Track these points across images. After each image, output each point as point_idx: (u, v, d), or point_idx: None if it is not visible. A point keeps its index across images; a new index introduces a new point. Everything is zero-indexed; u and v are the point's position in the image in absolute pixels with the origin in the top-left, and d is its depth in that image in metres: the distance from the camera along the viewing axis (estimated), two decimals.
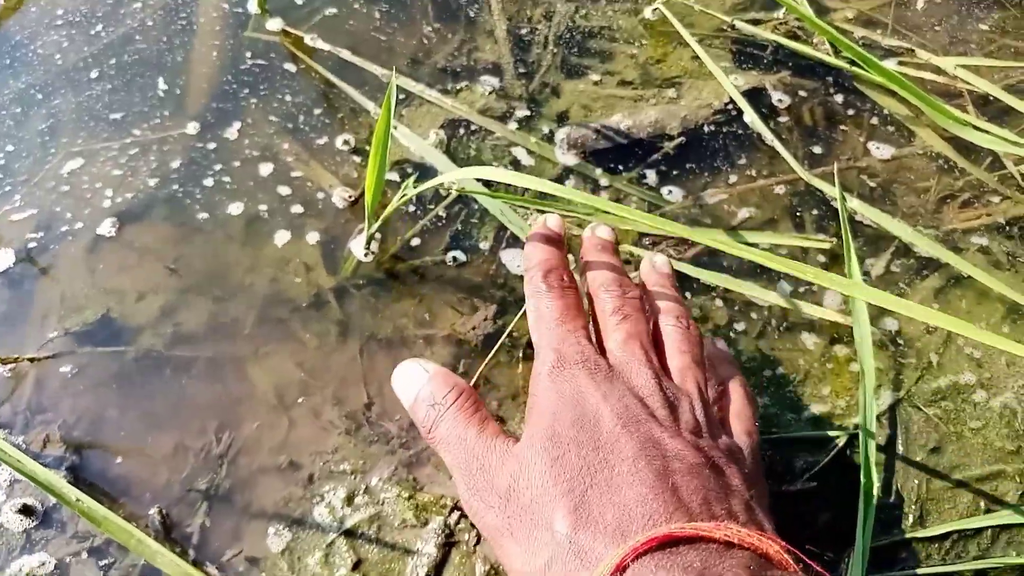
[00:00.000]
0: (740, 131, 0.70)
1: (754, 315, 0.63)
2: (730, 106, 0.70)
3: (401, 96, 0.70)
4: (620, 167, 0.68)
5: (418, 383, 0.51)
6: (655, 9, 0.74)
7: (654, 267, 0.57)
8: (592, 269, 0.54)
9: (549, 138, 0.69)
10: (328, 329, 0.62)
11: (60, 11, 0.73)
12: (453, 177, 0.54)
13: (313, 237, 0.65)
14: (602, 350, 0.50)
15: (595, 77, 0.72)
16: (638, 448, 0.43)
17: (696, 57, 0.72)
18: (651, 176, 0.68)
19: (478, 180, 0.66)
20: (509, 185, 0.67)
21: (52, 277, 0.63)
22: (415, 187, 0.59)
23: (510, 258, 0.64)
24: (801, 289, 0.64)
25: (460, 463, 0.47)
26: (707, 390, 0.50)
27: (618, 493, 0.41)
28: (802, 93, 0.72)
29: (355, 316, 0.63)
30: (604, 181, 0.67)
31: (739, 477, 0.44)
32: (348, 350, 0.62)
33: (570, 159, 0.68)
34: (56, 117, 0.69)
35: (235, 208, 0.65)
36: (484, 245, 0.65)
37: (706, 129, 0.70)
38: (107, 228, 0.64)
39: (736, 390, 0.53)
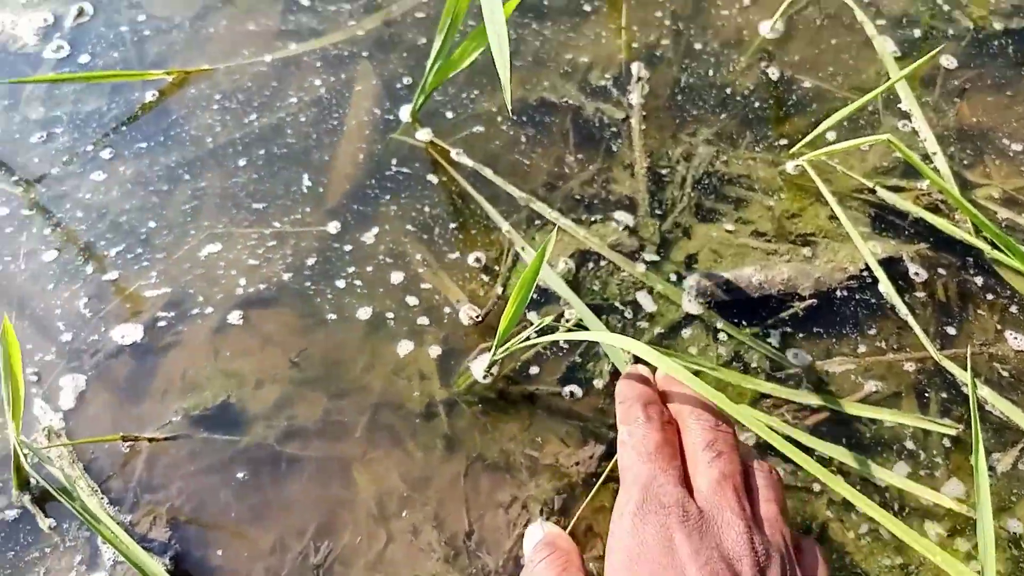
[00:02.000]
0: (873, 300, 0.69)
1: (876, 496, 0.61)
2: (865, 273, 0.69)
3: (535, 220, 0.71)
4: (745, 321, 0.67)
5: (533, 540, 0.53)
6: (797, 165, 0.74)
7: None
8: (676, 399, 0.53)
9: (677, 281, 0.69)
10: (435, 443, 0.62)
11: (218, 95, 0.77)
12: (596, 338, 0.53)
13: (434, 350, 0.65)
14: (690, 487, 0.48)
15: (728, 225, 0.72)
16: None
17: (833, 217, 0.72)
18: (776, 335, 0.67)
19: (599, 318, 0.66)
20: (634, 324, 0.67)
21: (177, 355, 0.64)
22: (543, 320, 0.59)
23: None
24: (922, 472, 0.62)
25: None
26: (790, 547, 0.47)
27: None
28: (940, 269, 0.70)
29: (463, 433, 0.62)
30: (727, 334, 0.67)
31: None
32: (453, 468, 0.61)
33: (695, 307, 0.67)
34: (200, 199, 0.72)
35: (363, 312, 0.66)
36: (599, 383, 0.64)
37: (839, 293, 0.69)
38: (236, 314, 0.66)
39: (809, 547, 0.50)
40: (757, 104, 0.79)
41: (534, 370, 0.65)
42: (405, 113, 0.76)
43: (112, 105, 0.76)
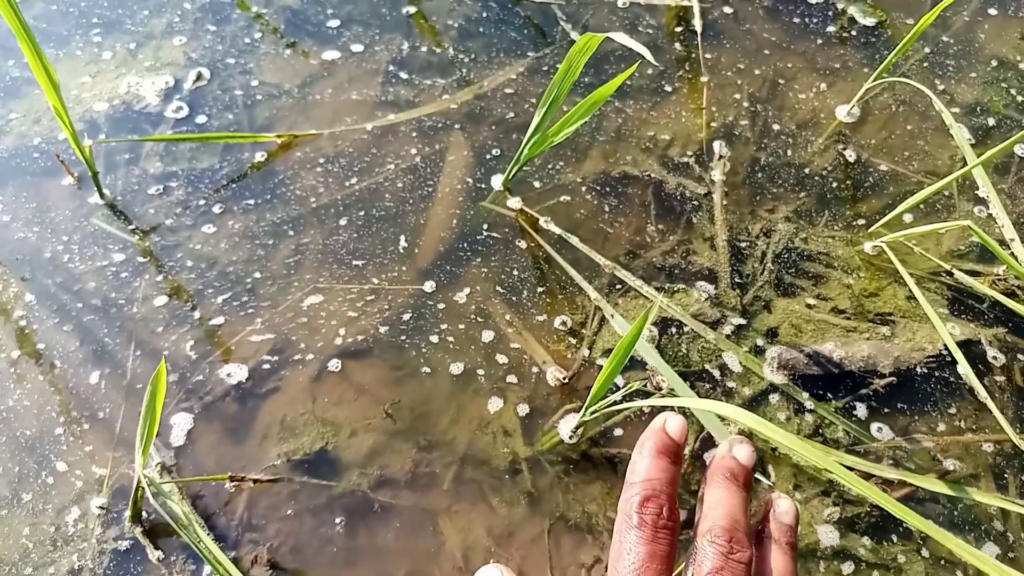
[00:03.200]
0: (952, 379, 0.70)
1: (959, 573, 0.61)
2: (944, 352, 0.71)
3: (618, 286, 0.74)
4: (828, 395, 0.69)
5: None
6: (875, 245, 0.77)
7: (776, 514, 0.49)
8: (709, 500, 0.48)
9: (758, 352, 0.71)
10: (518, 499, 0.64)
11: (322, 159, 0.82)
12: (690, 405, 0.55)
13: (521, 408, 0.68)
14: None
15: (809, 300, 0.74)
16: None
17: (911, 297, 0.74)
18: (860, 410, 0.68)
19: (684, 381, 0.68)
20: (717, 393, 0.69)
21: (277, 400, 0.68)
22: (631, 384, 0.62)
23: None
24: (1011, 554, 0.62)
25: None
26: None
27: None
28: (1019, 354, 0.72)
29: (546, 492, 0.64)
30: (810, 405, 0.68)
31: None
32: (536, 526, 0.63)
33: (778, 378, 0.69)
34: (303, 254, 0.76)
35: (455, 367, 0.69)
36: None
37: (918, 370, 0.70)
38: (334, 363, 0.69)
39: None
40: (835, 184, 0.82)
41: (617, 433, 0.67)
42: (496, 182, 0.80)
43: (224, 163, 0.81)
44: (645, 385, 0.68)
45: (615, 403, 0.61)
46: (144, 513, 0.61)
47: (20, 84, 0.86)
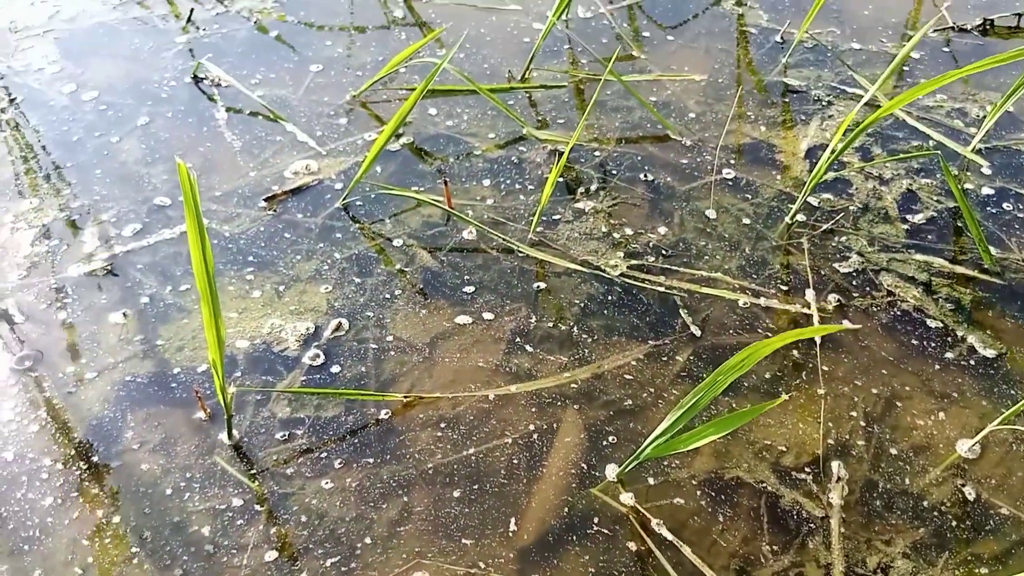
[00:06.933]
0: None
1: None
2: None
3: None
4: None
5: None
6: None
7: None
8: None
9: None
10: None
11: (442, 423, 0.84)
12: None
13: None
14: None
15: None
16: None
17: None
18: None
19: None
20: None
21: None
22: None
23: None
24: None
25: None
26: None
27: None
28: None
29: None
30: None
31: None
32: None
33: None
34: (412, 521, 0.76)
35: None
36: None
37: None
38: None
39: None
40: (953, 522, 0.80)
41: None
42: (610, 471, 0.81)
43: (349, 415, 0.84)
44: None
45: None
46: None
47: (171, 310, 0.92)
